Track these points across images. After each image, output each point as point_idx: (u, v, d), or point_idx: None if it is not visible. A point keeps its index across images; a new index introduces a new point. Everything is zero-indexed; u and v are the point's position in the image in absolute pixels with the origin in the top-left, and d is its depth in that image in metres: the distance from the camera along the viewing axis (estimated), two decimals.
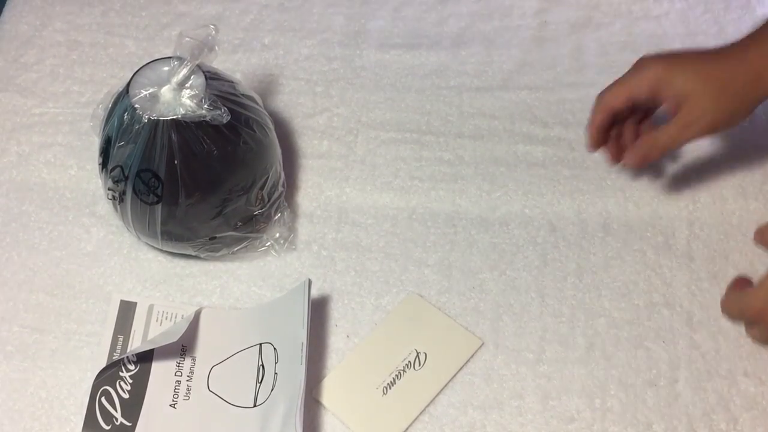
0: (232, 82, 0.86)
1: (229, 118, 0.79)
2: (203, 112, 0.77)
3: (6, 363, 0.85)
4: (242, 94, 0.85)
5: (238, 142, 0.82)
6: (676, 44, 1.05)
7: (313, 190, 0.96)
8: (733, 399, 0.81)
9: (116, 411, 0.79)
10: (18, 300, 0.89)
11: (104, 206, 0.94)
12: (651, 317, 0.86)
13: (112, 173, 0.82)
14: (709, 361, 0.83)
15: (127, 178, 0.80)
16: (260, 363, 0.81)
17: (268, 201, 0.88)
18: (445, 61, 1.06)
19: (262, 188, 0.86)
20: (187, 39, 0.78)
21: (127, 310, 0.86)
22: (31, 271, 0.91)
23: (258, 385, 0.80)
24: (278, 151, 0.90)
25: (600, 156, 0.96)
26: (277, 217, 0.90)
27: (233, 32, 1.08)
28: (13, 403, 0.82)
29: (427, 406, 0.81)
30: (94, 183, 0.96)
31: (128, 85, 0.80)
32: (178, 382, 0.81)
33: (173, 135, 0.78)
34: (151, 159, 0.79)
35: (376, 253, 0.91)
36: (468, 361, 0.83)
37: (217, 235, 0.86)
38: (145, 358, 0.82)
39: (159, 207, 0.81)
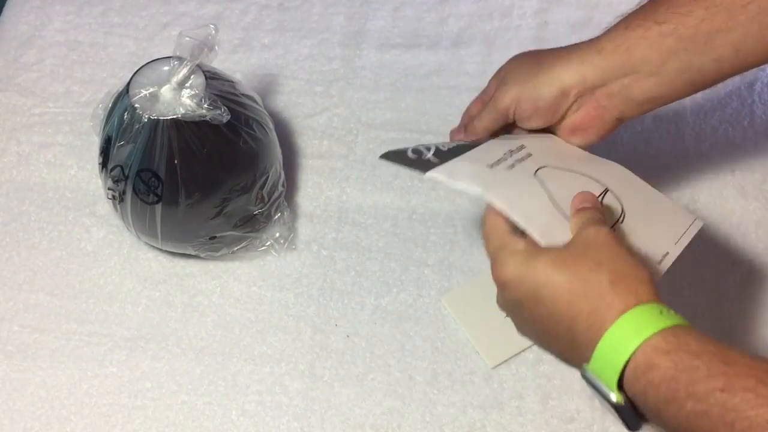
0: (232, 81, 0.86)
1: (229, 117, 0.79)
2: (203, 111, 0.77)
3: (6, 363, 0.85)
4: (242, 94, 0.85)
5: (238, 141, 0.82)
6: None
7: (313, 190, 0.96)
8: None
9: (426, 155, 0.69)
10: (18, 300, 0.89)
11: (104, 206, 0.94)
12: None
13: (112, 173, 0.82)
14: None
15: (127, 177, 0.80)
16: (599, 197, 0.67)
17: (268, 201, 0.88)
18: (444, 61, 1.06)
19: (262, 188, 0.86)
20: (187, 39, 0.78)
21: None
22: (31, 271, 0.91)
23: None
24: (278, 151, 0.90)
25: (600, 156, 0.96)
26: (277, 216, 0.90)
27: (233, 32, 1.08)
28: (13, 403, 0.83)
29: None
30: (94, 183, 0.96)
31: (128, 85, 0.80)
32: (506, 156, 0.70)
33: (173, 135, 0.78)
34: (151, 159, 0.79)
35: (376, 253, 0.91)
36: None
37: (217, 235, 0.86)
38: (481, 142, 0.73)
39: (159, 207, 0.81)
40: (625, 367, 0.52)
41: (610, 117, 0.70)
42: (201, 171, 0.81)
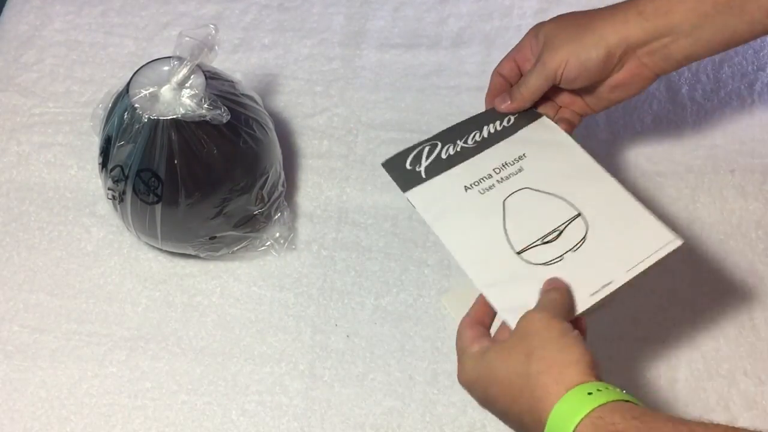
0: (232, 81, 0.86)
1: (229, 117, 0.79)
2: (203, 111, 0.77)
3: (6, 363, 0.85)
4: (242, 94, 0.85)
5: (238, 141, 0.82)
6: None
7: (313, 190, 0.96)
8: (733, 399, 0.81)
9: (422, 163, 0.77)
10: (18, 300, 0.89)
11: (104, 206, 0.94)
12: (651, 317, 0.86)
13: (112, 173, 0.82)
14: (708, 361, 0.83)
15: (127, 177, 0.80)
16: (561, 227, 0.72)
17: (268, 201, 0.88)
18: (444, 60, 1.05)
19: (262, 188, 0.86)
20: (187, 39, 0.78)
21: None
22: (31, 271, 0.91)
23: (538, 240, 0.71)
24: (278, 150, 0.90)
25: (600, 156, 0.96)
26: (277, 216, 0.90)
27: (233, 32, 1.08)
28: (13, 403, 0.83)
29: None
30: (94, 183, 0.96)
31: (128, 84, 0.80)
32: (496, 171, 0.76)
33: (173, 135, 0.78)
34: (151, 159, 0.79)
35: (376, 253, 0.91)
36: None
37: (217, 235, 0.86)
38: (487, 144, 0.79)
39: (159, 207, 0.81)
40: None
41: (649, 73, 0.74)
42: (201, 171, 0.81)
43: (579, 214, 0.71)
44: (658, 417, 0.53)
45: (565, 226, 0.71)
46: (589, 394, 0.55)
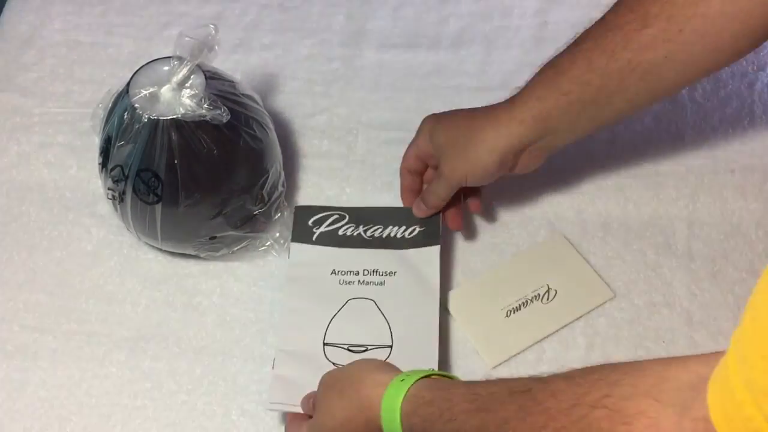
0: (232, 81, 0.85)
1: (228, 117, 0.79)
2: (203, 111, 0.77)
3: (6, 363, 0.85)
4: (242, 94, 0.85)
5: (238, 141, 0.82)
6: None
7: (313, 190, 0.96)
8: None
9: (320, 228, 0.89)
10: (18, 300, 0.89)
11: (104, 206, 0.94)
12: (651, 317, 0.86)
13: (112, 173, 0.82)
14: None
15: (127, 177, 0.80)
16: (370, 347, 0.82)
17: (268, 201, 0.88)
18: (444, 61, 1.05)
19: (262, 188, 0.86)
20: (186, 39, 0.78)
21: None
22: (31, 271, 0.91)
23: (345, 345, 0.82)
24: (278, 150, 0.90)
25: (600, 156, 0.96)
26: (277, 216, 0.90)
27: (233, 32, 1.08)
28: (13, 403, 0.83)
29: (542, 339, 0.84)
30: (94, 183, 0.96)
31: (128, 84, 0.80)
32: (357, 273, 0.86)
33: (173, 135, 0.78)
34: (151, 159, 0.79)
35: None
36: (594, 309, 0.85)
37: (217, 235, 0.86)
38: (378, 244, 0.88)
39: (159, 207, 0.81)
40: None
41: (541, 157, 0.83)
42: (201, 171, 0.81)
43: (390, 347, 0.81)
44: (456, 384, 0.65)
45: (374, 348, 0.81)
46: (402, 380, 0.65)
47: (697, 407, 0.46)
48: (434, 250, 0.86)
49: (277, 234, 0.90)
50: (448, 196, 0.85)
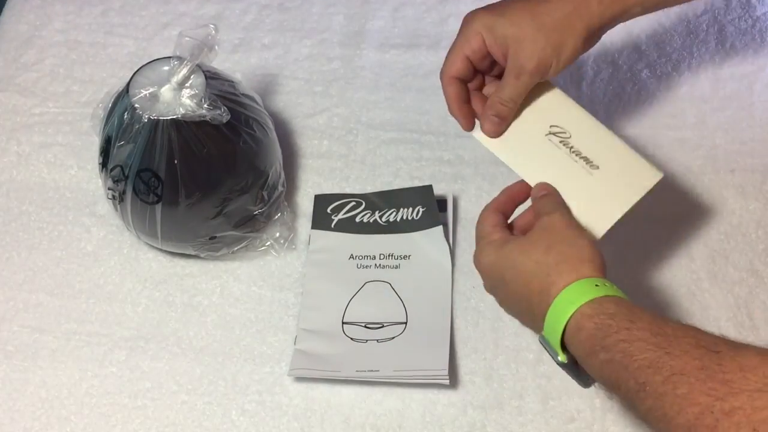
0: (232, 81, 0.86)
1: (228, 117, 0.79)
2: (203, 111, 0.77)
3: (6, 363, 0.85)
4: (242, 94, 0.85)
5: (238, 141, 0.82)
6: (677, 43, 1.05)
7: (313, 190, 0.96)
8: None
9: (339, 215, 0.92)
10: (18, 300, 0.89)
11: (104, 206, 0.94)
12: None
13: (112, 173, 0.82)
14: None
15: (127, 177, 0.80)
16: (386, 323, 0.85)
17: (268, 201, 0.88)
18: None
19: (262, 188, 0.86)
20: (187, 39, 0.78)
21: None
22: (31, 271, 0.91)
23: (362, 323, 0.85)
24: (278, 150, 0.90)
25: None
26: (277, 216, 0.90)
27: (233, 32, 1.08)
28: (13, 403, 0.83)
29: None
30: (94, 183, 0.96)
31: (128, 84, 0.80)
32: (373, 257, 0.89)
33: (173, 135, 0.78)
34: (151, 159, 0.79)
35: None
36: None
37: (217, 235, 0.86)
38: (392, 229, 0.91)
39: (159, 207, 0.81)
40: (564, 331, 0.63)
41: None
42: (201, 171, 0.81)
43: (405, 323, 0.84)
44: (645, 312, 0.62)
45: (390, 325, 0.84)
46: (596, 286, 0.64)
47: None
48: (437, 231, 0.89)
49: (277, 234, 0.90)
50: (524, 94, 0.77)
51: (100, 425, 0.81)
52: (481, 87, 0.81)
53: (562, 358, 0.65)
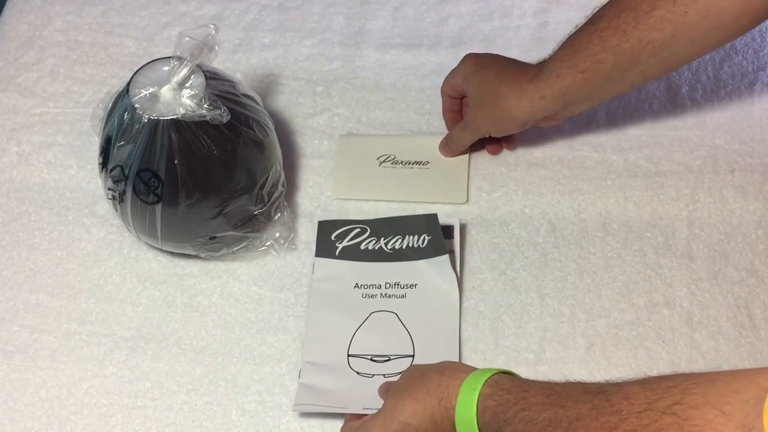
0: (232, 81, 0.86)
1: (229, 117, 0.79)
2: (203, 111, 0.77)
3: (6, 363, 0.85)
4: (242, 94, 0.85)
5: (238, 141, 0.82)
6: None
7: (313, 190, 0.96)
8: None
9: (343, 242, 0.90)
10: (18, 300, 0.89)
11: (104, 206, 0.94)
12: (651, 317, 0.86)
13: (112, 173, 0.82)
14: (709, 361, 0.83)
15: (127, 177, 0.80)
16: (392, 356, 0.84)
17: (268, 201, 0.88)
18: (445, 61, 1.05)
19: (262, 188, 0.86)
20: (187, 39, 0.78)
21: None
22: (31, 271, 0.91)
23: (368, 355, 0.84)
24: (278, 151, 0.90)
25: (600, 156, 0.96)
26: (277, 217, 0.90)
27: (233, 32, 1.08)
28: (13, 403, 0.83)
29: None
30: (94, 183, 0.96)
31: (128, 84, 0.80)
32: (379, 286, 0.88)
33: (173, 135, 0.78)
34: (151, 159, 0.79)
35: None
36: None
37: (217, 235, 0.86)
38: (398, 257, 0.89)
39: (159, 207, 0.81)
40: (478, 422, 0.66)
41: (558, 120, 0.92)
42: (201, 171, 0.81)
43: (412, 356, 0.83)
44: (535, 381, 0.67)
45: (397, 358, 0.83)
46: (483, 371, 0.68)
47: (758, 426, 0.47)
48: (444, 260, 0.87)
49: (277, 234, 0.90)
50: (469, 142, 0.95)
51: (100, 425, 0.81)
52: None
53: None
